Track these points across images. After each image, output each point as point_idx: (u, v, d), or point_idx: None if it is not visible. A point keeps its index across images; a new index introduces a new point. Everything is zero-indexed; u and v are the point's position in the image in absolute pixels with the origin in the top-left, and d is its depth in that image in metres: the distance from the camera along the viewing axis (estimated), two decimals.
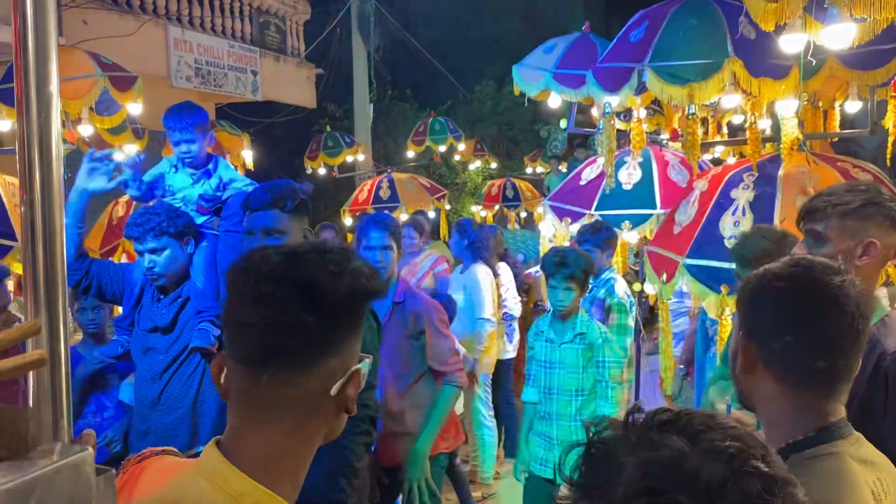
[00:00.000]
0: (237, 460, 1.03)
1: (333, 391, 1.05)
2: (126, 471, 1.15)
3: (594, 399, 3.63)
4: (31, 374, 0.83)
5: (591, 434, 0.79)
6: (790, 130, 3.26)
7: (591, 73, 3.84)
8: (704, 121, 5.45)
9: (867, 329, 1.33)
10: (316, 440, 1.09)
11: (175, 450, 1.23)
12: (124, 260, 5.21)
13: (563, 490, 0.79)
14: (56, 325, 0.84)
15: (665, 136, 5.44)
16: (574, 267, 3.61)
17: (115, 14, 8.52)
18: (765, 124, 4.98)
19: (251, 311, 1.03)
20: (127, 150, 5.95)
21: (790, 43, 3.17)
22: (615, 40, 3.94)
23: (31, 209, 0.82)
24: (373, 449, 3.17)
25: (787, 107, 3.40)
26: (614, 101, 3.82)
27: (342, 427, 1.12)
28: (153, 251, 3.06)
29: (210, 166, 3.35)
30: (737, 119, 5.53)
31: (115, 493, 0.68)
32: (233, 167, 3.47)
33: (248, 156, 7.73)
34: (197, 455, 1.09)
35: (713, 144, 4.87)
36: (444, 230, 9.48)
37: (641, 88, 3.61)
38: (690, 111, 3.63)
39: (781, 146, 3.29)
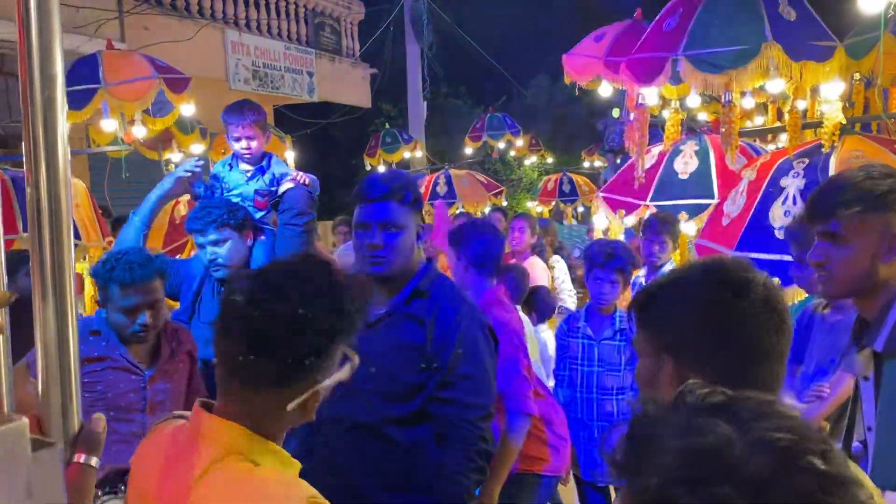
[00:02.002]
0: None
1: (289, 408, 1.21)
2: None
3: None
4: (39, 358, 0.83)
5: (635, 413, 0.73)
6: (833, 115, 3.10)
7: (625, 65, 3.72)
8: (765, 107, 5.26)
9: (791, 328, 1.22)
10: (276, 433, 1.27)
11: (184, 413, 1.36)
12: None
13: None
14: (64, 309, 0.83)
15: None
16: (624, 260, 3.48)
17: (174, 19, 8.73)
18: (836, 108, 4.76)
19: (227, 348, 1.25)
20: (193, 150, 6.05)
21: (870, 3, 3.01)
22: (648, 29, 3.81)
23: (37, 190, 0.81)
24: None
25: (832, 90, 3.24)
26: (649, 93, 3.70)
27: (307, 416, 1.29)
28: (215, 243, 3.16)
29: (264, 163, 3.43)
30: (800, 104, 5.31)
31: (61, 468, 0.66)
32: (284, 162, 3.55)
33: (290, 157, 7.85)
34: None
35: (750, 133, 4.65)
36: (503, 226, 9.49)
37: (678, 78, 3.48)
38: (727, 100, 3.48)
39: (822, 131, 3.13)
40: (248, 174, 3.43)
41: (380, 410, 2.23)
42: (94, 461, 0.84)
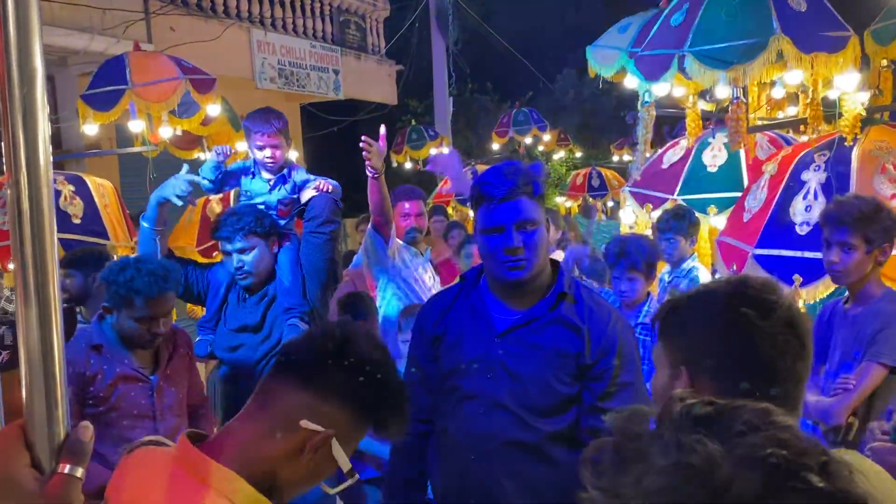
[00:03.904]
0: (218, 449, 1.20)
1: (302, 423, 1.19)
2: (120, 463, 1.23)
3: None
4: (23, 364, 0.80)
5: (619, 427, 0.68)
6: (851, 107, 2.99)
7: (633, 62, 3.65)
8: (796, 97, 5.13)
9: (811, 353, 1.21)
10: (277, 462, 1.20)
11: (164, 439, 1.29)
12: None
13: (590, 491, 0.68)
14: (48, 312, 0.80)
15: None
16: (635, 256, 3.46)
17: (200, 19, 8.78)
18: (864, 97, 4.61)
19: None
20: (239, 147, 6.02)
21: None
22: (657, 25, 3.72)
23: (17, 191, 0.78)
24: None
25: (848, 81, 3.11)
26: (657, 89, 3.62)
27: (295, 480, 1.22)
28: (242, 251, 3.17)
29: (284, 171, 3.41)
30: (832, 94, 5.16)
31: None
32: (303, 169, 3.53)
33: (293, 156, 7.84)
34: None
35: (762, 129, 4.51)
36: None
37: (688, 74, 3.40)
38: (735, 96, 3.38)
39: (842, 124, 3.02)
40: (271, 183, 3.41)
41: (538, 427, 2.07)
42: (79, 472, 0.80)
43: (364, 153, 3.45)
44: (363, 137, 3.47)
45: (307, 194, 3.37)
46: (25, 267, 0.79)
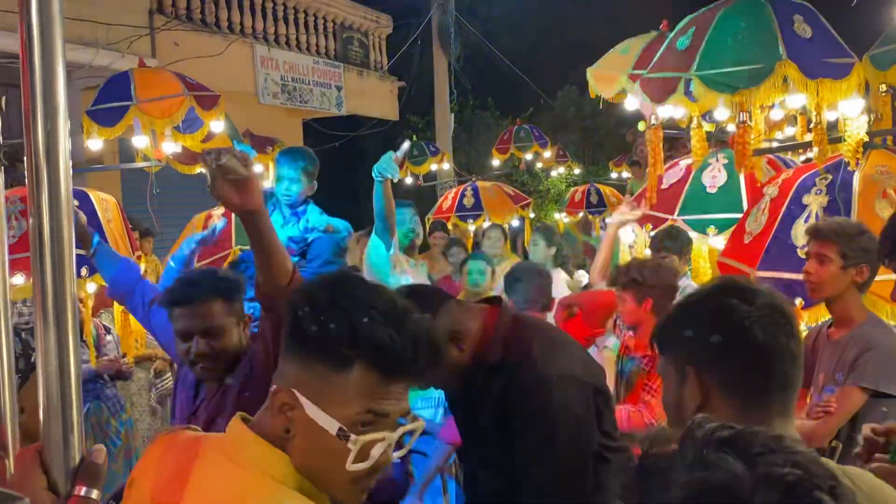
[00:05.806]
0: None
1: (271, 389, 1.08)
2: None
3: None
4: (41, 388, 0.82)
5: (645, 449, 0.75)
6: (854, 132, 3.03)
7: (638, 84, 3.69)
8: (794, 118, 5.17)
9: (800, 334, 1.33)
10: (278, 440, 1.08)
11: (196, 427, 1.26)
12: None
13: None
14: (65, 338, 0.82)
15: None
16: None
17: (204, 35, 8.85)
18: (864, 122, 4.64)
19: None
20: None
21: None
22: (663, 48, 3.76)
23: (39, 218, 0.81)
24: None
25: (852, 107, 3.16)
26: (663, 111, 3.65)
27: (299, 460, 1.07)
28: (252, 299, 3.11)
29: (300, 209, 3.45)
30: (831, 115, 5.20)
31: None
32: (323, 213, 3.55)
33: None
34: None
35: (767, 151, 4.55)
36: (528, 239, 9.41)
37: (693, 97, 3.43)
38: (741, 120, 3.41)
39: (845, 149, 3.06)
40: (284, 219, 3.46)
41: None
42: (94, 494, 0.82)
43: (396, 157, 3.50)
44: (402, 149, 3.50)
45: (312, 236, 3.41)
46: (45, 294, 0.81)
